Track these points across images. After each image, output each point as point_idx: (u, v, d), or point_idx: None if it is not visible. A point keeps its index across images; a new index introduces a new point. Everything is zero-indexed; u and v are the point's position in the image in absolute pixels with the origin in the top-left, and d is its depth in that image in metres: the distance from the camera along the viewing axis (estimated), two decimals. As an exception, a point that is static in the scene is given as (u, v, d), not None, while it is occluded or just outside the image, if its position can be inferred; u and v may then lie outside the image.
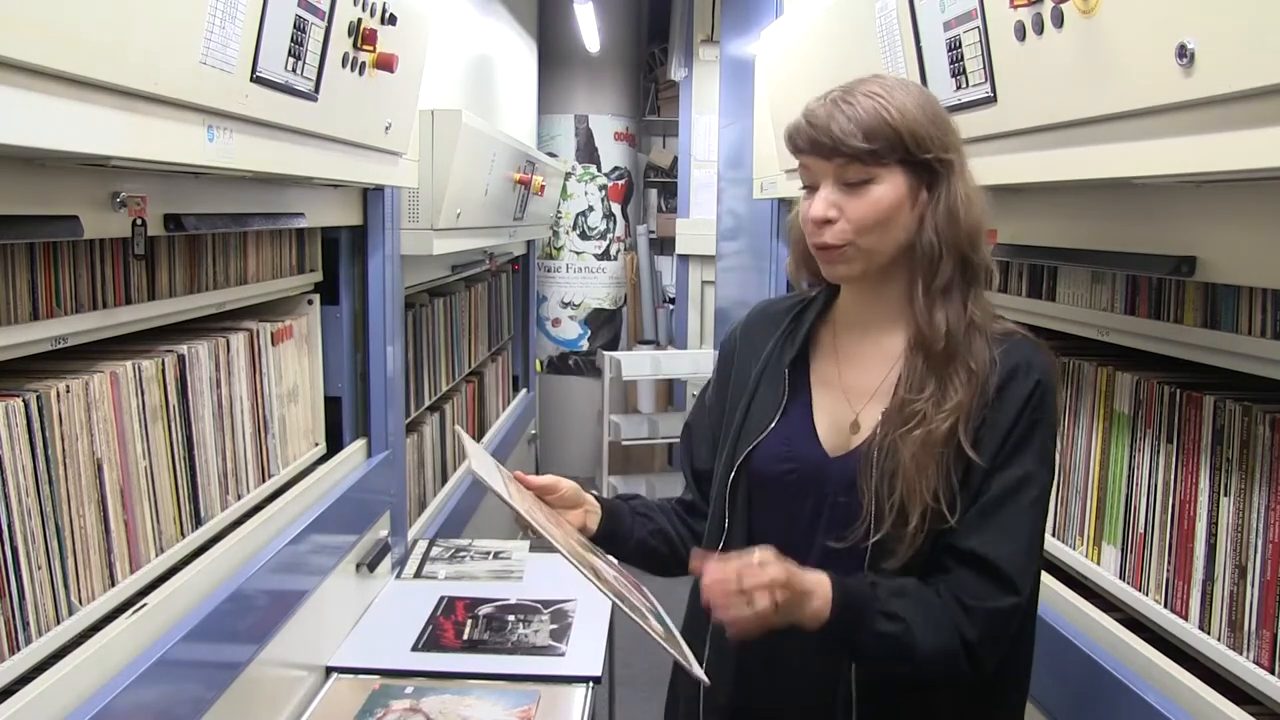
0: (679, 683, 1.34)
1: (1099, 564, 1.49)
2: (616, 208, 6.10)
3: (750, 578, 1.04)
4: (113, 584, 1.31)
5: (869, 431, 1.19)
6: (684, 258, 5.79)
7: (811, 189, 1.18)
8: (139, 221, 1.32)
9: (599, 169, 6.01)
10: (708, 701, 1.27)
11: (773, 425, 1.24)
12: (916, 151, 1.13)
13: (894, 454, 1.14)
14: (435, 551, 2.57)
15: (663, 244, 6.48)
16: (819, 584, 1.09)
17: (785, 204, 3.19)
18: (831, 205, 1.15)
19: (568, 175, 5.76)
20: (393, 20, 1.76)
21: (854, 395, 1.23)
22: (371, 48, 1.68)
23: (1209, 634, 1.25)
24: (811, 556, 1.16)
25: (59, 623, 1.20)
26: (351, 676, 1.94)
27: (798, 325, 1.29)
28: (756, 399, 1.27)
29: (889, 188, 1.14)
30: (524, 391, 4.62)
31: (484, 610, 2.20)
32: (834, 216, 1.15)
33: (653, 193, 6.70)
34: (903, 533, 1.12)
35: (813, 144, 1.15)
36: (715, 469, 1.32)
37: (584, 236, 6.04)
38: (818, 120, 1.14)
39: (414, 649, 2.03)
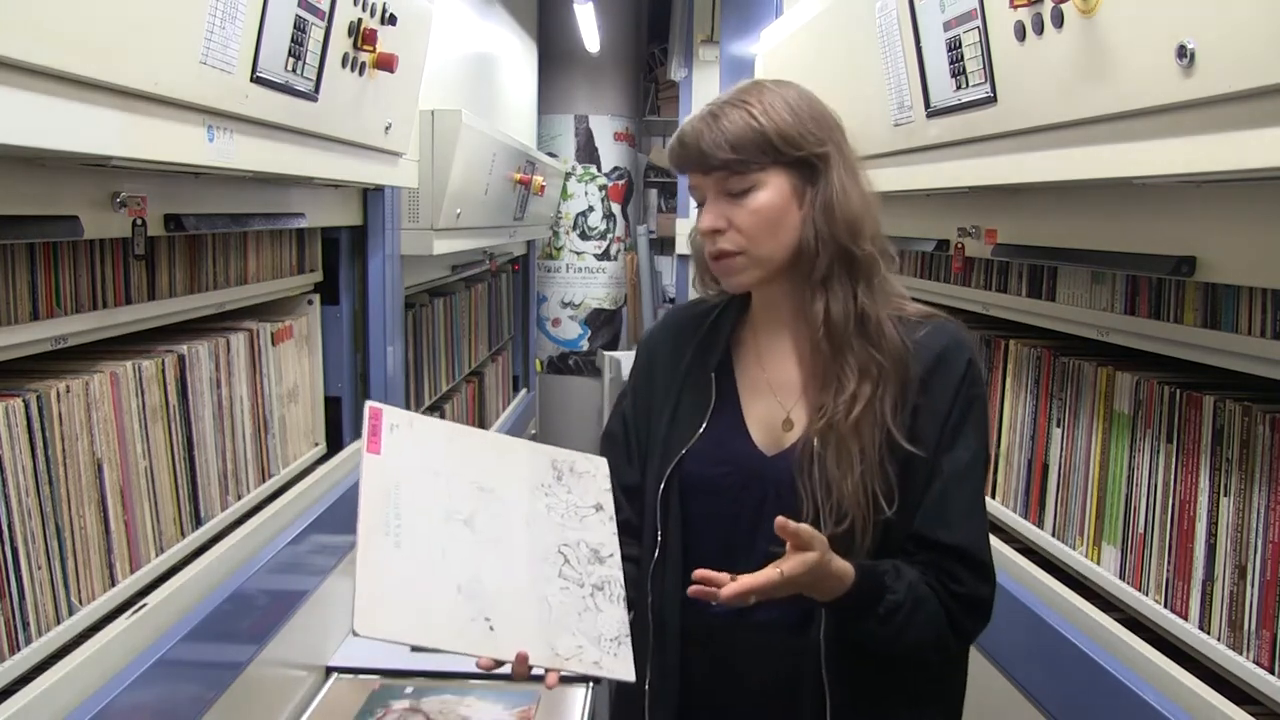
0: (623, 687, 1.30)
1: (1099, 564, 1.49)
2: (616, 208, 6.10)
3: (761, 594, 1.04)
4: (113, 584, 1.32)
5: (803, 427, 1.19)
6: (684, 258, 5.78)
7: (702, 203, 1.20)
8: (139, 221, 1.32)
9: (599, 169, 6.01)
10: (654, 701, 1.24)
11: (702, 429, 1.23)
12: (789, 151, 1.15)
13: (823, 453, 1.15)
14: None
15: (663, 244, 6.48)
16: (845, 572, 1.09)
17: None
18: (719, 216, 1.17)
19: (568, 175, 5.76)
20: (393, 20, 1.76)
21: (783, 393, 1.23)
22: (371, 48, 1.68)
23: (1209, 634, 1.25)
24: (753, 562, 1.08)
25: (59, 623, 1.20)
26: (351, 676, 1.95)
27: (717, 330, 1.29)
28: (682, 406, 1.26)
29: (770, 191, 1.16)
30: (524, 391, 4.62)
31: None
32: (722, 226, 1.17)
33: (653, 193, 6.70)
34: (845, 531, 1.12)
35: (687, 162, 1.18)
36: (646, 481, 1.28)
37: (584, 236, 6.04)
38: (688, 139, 1.17)
39: (414, 649, 2.02)
